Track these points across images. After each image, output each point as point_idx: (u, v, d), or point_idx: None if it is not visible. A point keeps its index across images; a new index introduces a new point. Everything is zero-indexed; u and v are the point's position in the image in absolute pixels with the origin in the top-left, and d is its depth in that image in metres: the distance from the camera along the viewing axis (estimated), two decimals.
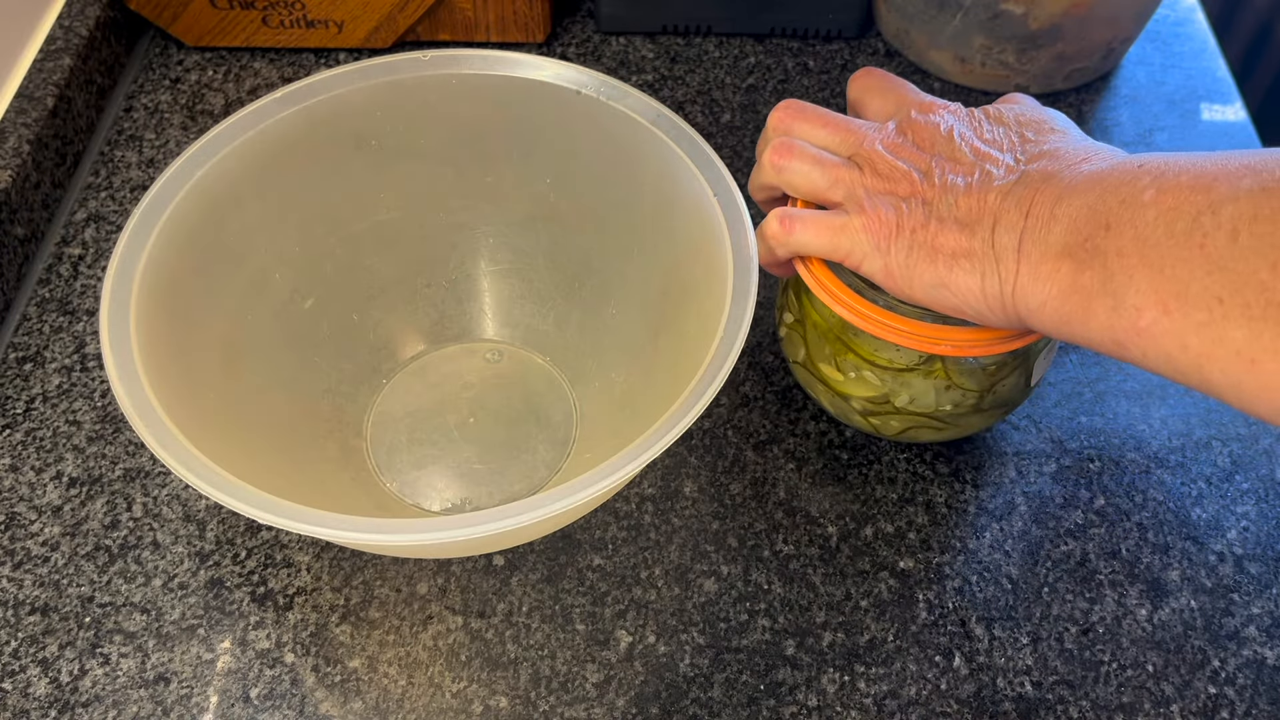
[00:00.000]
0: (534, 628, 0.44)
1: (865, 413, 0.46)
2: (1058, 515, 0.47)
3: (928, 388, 0.43)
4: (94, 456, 0.48)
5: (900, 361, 0.43)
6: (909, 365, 0.43)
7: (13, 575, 0.44)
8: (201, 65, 0.64)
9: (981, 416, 0.45)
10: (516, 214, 0.50)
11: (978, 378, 0.43)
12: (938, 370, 0.42)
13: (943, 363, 0.42)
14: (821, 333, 0.44)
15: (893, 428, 0.46)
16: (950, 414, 0.44)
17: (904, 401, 0.44)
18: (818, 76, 0.65)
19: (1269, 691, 0.43)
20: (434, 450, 0.48)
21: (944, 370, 0.42)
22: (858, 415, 0.46)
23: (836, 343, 0.44)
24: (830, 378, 0.45)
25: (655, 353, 0.46)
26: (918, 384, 0.43)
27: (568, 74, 0.45)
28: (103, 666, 0.42)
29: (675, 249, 0.45)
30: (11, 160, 0.53)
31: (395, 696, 0.42)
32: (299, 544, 0.46)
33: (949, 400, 0.43)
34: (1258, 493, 0.48)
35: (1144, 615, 0.44)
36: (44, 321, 0.52)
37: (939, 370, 0.42)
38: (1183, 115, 0.63)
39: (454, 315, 0.52)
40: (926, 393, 0.43)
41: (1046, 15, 0.58)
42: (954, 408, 0.44)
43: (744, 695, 0.42)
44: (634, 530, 0.46)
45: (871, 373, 0.43)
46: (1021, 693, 0.42)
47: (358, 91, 0.45)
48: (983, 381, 0.43)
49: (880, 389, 0.44)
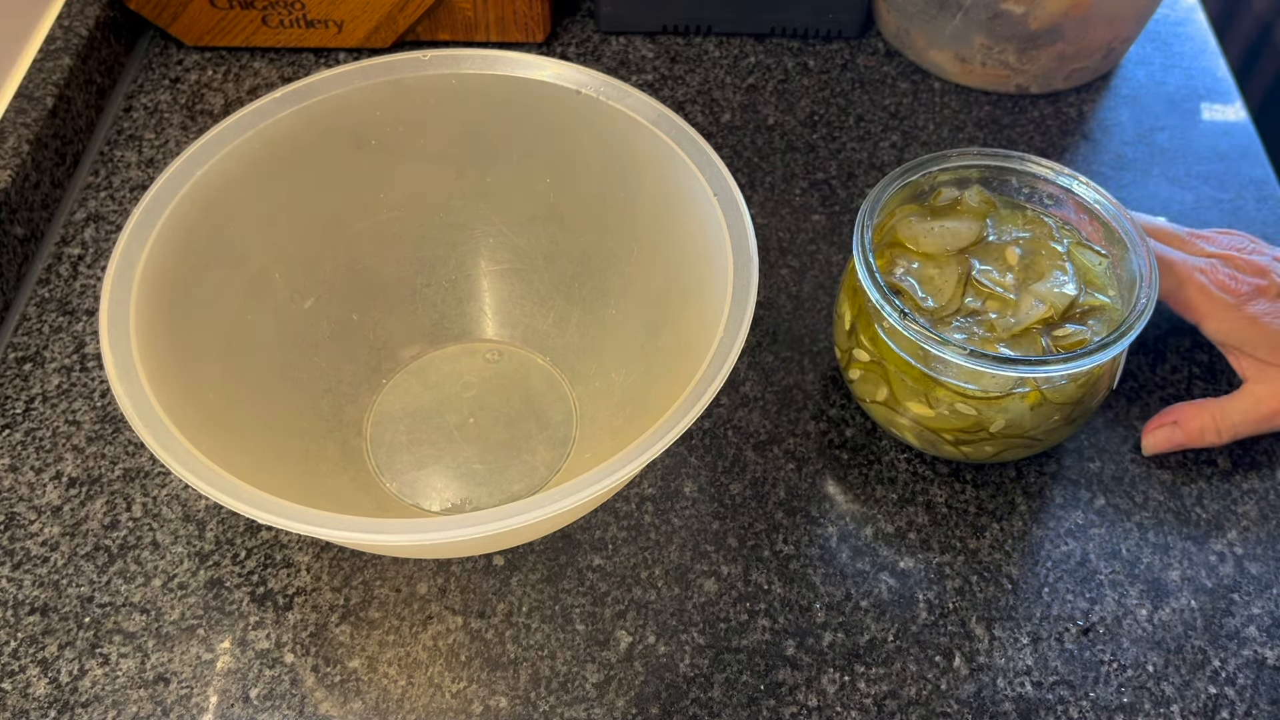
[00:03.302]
0: (534, 628, 0.44)
1: (958, 442, 0.45)
2: (1058, 515, 0.47)
3: (1022, 411, 0.43)
4: (94, 456, 0.48)
5: (993, 390, 0.43)
6: (1003, 392, 0.42)
7: (12, 575, 0.44)
8: (201, 65, 0.64)
9: (1071, 427, 0.45)
10: (516, 214, 0.50)
11: (1069, 392, 0.43)
12: (1033, 393, 0.42)
13: (1035, 385, 0.42)
14: (905, 371, 0.44)
15: (986, 452, 0.46)
16: (1043, 430, 0.44)
17: (999, 427, 0.44)
18: (818, 76, 0.65)
19: (1269, 691, 0.43)
20: (434, 450, 0.48)
21: (1037, 392, 0.42)
22: (949, 445, 0.46)
23: (924, 379, 0.44)
24: (921, 415, 0.45)
25: (655, 353, 0.46)
26: (1013, 408, 0.43)
27: (568, 74, 0.45)
28: (102, 667, 0.42)
29: (675, 249, 0.45)
30: (11, 160, 0.53)
31: (395, 697, 0.42)
32: (299, 544, 0.46)
33: (1042, 418, 0.43)
34: (1258, 493, 0.48)
35: (1144, 615, 0.44)
36: (44, 321, 0.52)
37: (1034, 392, 0.42)
38: (1183, 115, 0.63)
39: (454, 315, 0.52)
40: (1022, 416, 0.43)
41: (1047, 15, 0.58)
42: (1047, 425, 0.44)
43: (744, 695, 0.42)
44: (634, 530, 0.46)
45: (965, 405, 0.43)
46: (1021, 693, 0.42)
47: (358, 91, 0.45)
48: (1073, 394, 0.43)
49: (975, 419, 0.44)
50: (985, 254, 0.45)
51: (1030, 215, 0.46)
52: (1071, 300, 0.43)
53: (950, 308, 0.44)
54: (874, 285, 0.42)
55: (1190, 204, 0.59)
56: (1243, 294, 0.46)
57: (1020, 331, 0.43)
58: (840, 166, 0.60)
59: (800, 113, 0.63)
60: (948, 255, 0.45)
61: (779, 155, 0.60)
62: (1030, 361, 0.40)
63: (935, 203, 0.47)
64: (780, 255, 0.56)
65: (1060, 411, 0.43)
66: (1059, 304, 0.43)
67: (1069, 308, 0.43)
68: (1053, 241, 0.45)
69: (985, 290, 0.44)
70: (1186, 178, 0.60)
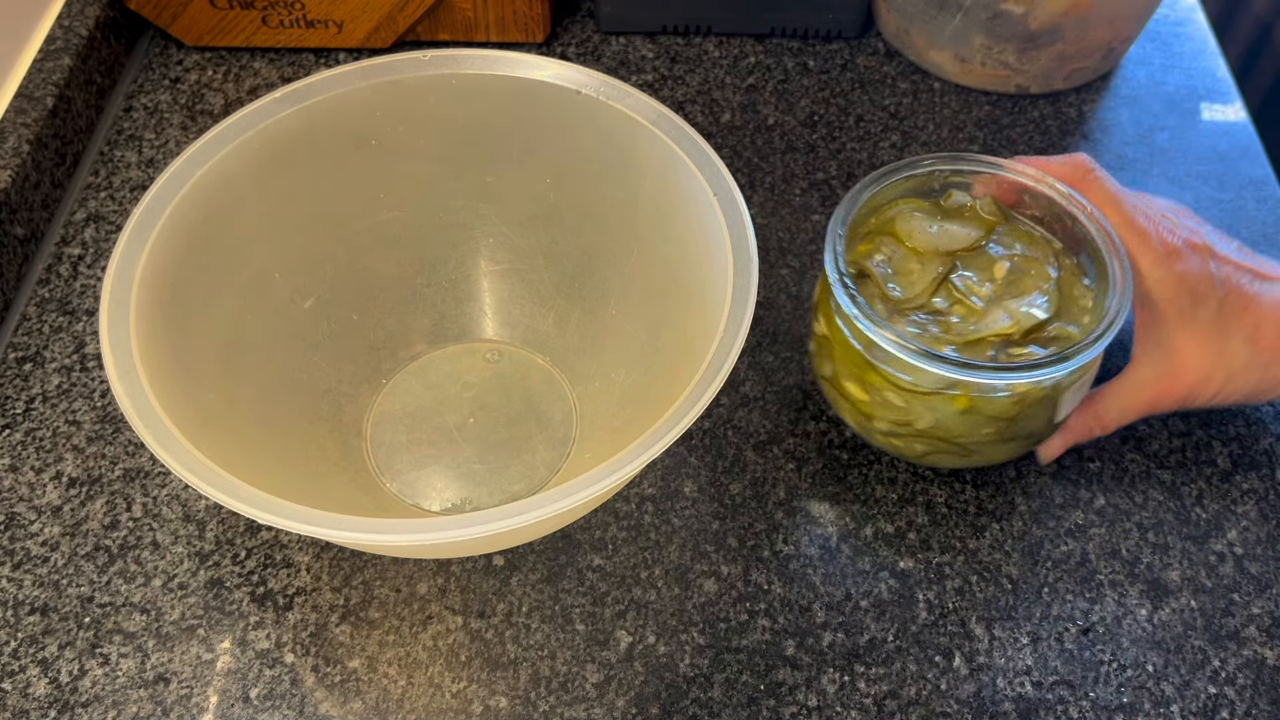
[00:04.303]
0: (534, 628, 0.44)
1: (888, 434, 0.45)
2: (1058, 515, 0.47)
3: (951, 413, 0.43)
4: (94, 456, 0.48)
5: (923, 386, 0.42)
6: (932, 389, 0.42)
7: (12, 575, 0.44)
8: (201, 65, 0.64)
9: (1005, 447, 0.45)
10: (516, 214, 0.50)
11: (1001, 407, 0.42)
12: (962, 397, 0.42)
13: (966, 390, 0.42)
14: (848, 350, 0.44)
15: (915, 450, 0.45)
16: (973, 442, 0.44)
17: (926, 425, 0.43)
18: (818, 76, 0.65)
19: (1269, 691, 0.43)
20: (434, 450, 0.48)
21: (968, 398, 0.42)
22: (880, 435, 0.46)
23: (863, 362, 0.44)
24: (856, 397, 0.45)
25: (655, 353, 0.46)
26: (941, 408, 0.43)
27: (568, 74, 0.45)
28: (102, 667, 0.42)
29: (675, 249, 0.45)
30: (11, 160, 0.53)
31: (395, 697, 0.42)
32: (299, 544, 0.46)
33: (971, 427, 0.43)
34: (1258, 493, 0.48)
35: (1144, 615, 0.44)
36: (44, 321, 0.52)
37: (963, 397, 0.42)
38: (1183, 115, 0.63)
39: (454, 315, 0.52)
40: (949, 418, 0.43)
41: (1046, 15, 0.58)
42: (977, 436, 0.44)
43: (744, 695, 0.42)
44: (634, 530, 0.46)
45: (895, 394, 0.43)
46: (1021, 693, 0.42)
47: (358, 91, 0.45)
48: (1007, 411, 0.42)
49: (903, 411, 0.44)
50: (973, 262, 0.45)
51: (1036, 236, 0.45)
52: (1039, 323, 0.42)
53: (915, 302, 0.44)
54: (833, 263, 0.43)
55: (1190, 204, 0.59)
56: (1178, 249, 0.45)
57: (975, 340, 0.42)
58: (840, 167, 0.60)
59: (800, 113, 0.63)
60: (935, 254, 0.45)
61: (779, 155, 0.60)
62: (950, 360, 0.40)
63: (946, 203, 0.47)
64: (780, 255, 0.56)
65: (991, 425, 0.43)
66: (1023, 323, 0.42)
67: (1034, 329, 0.42)
68: (1047, 265, 0.44)
69: (958, 295, 0.44)
70: (1186, 178, 0.60)
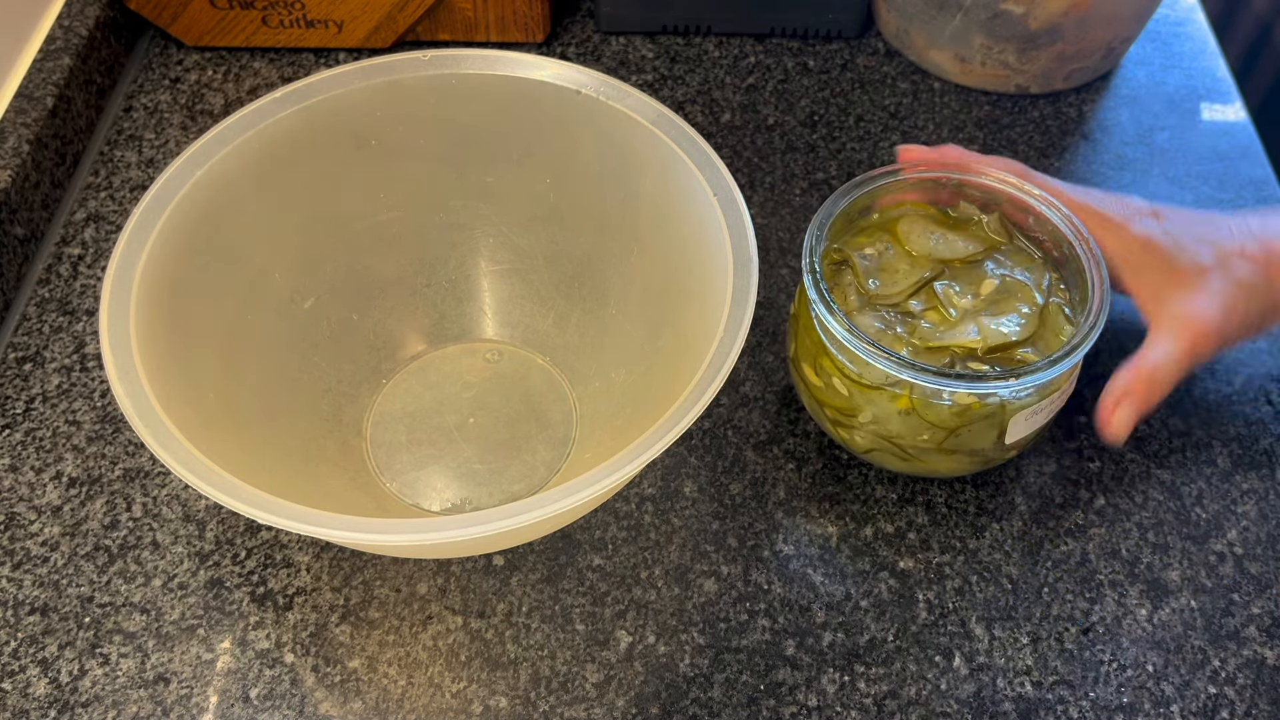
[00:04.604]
0: (534, 628, 0.44)
1: (835, 422, 0.46)
2: (1058, 515, 0.47)
3: (890, 412, 0.43)
4: (94, 456, 0.48)
5: (866, 378, 0.43)
6: (875, 384, 0.42)
7: (12, 575, 0.44)
8: (201, 65, 0.64)
9: (947, 459, 0.44)
10: (516, 214, 0.50)
11: (942, 415, 0.42)
12: (904, 397, 0.42)
13: (909, 391, 0.42)
14: (810, 332, 0.44)
15: (858, 444, 0.46)
16: (913, 446, 0.44)
17: (865, 418, 0.44)
18: (817, 76, 0.65)
19: (1269, 691, 0.43)
20: (434, 450, 0.48)
21: (909, 399, 0.42)
22: (828, 423, 0.46)
23: (819, 345, 0.44)
24: (808, 379, 0.45)
25: (655, 353, 0.46)
26: (882, 405, 0.43)
27: (568, 74, 0.45)
28: (102, 667, 0.42)
29: (675, 249, 0.45)
30: (11, 160, 0.53)
31: (395, 696, 0.42)
32: (299, 544, 0.46)
33: (910, 430, 0.43)
34: (1258, 493, 0.48)
35: (1144, 615, 0.44)
36: (44, 321, 0.52)
37: (905, 397, 0.42)
38: (1183, 115, 0.63)
39: (454, 315, 0.52)
40: (890, 416, 0.43)
41: (1046, 15, 0.58)
42: (916, 441, 0.44)
43: (744, 695, 0.42)
44: (634, 530, 0.46)
45: (841, 382, 0.43)
46: (1021, 693, 0.42)
47: (358, 91, 0.45)
48: (947, 421, 0.42)
49: (846, 400, 0.44)
50: (963, 275, 0.45)
51: (1037, 261, 0.45)
52: (1007, 343, 0.42)
53: (890, 300, 0.44)
54: (810, 248, 0.43)
55: (1190, 204, 0.59)
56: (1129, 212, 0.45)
57: (937, 346, 0.42)
58: (840, 166, 0.60)
59: (800, 113, 0.63)
60: (928, 259, 0.45)
61: (779, 155, 0.60)
62: (892, 357, 0.40)
63: (955, 212, 0.47)
64: (780, 255, 0.56)
65: (929, 432, 0.43)
66: (990, 340, 0.42)
67: (1001, 349, 0.42)
68: (1037, 292, 0.44)
69: (935, 301, 0.44)
70: (1186, 178, 0.60)
